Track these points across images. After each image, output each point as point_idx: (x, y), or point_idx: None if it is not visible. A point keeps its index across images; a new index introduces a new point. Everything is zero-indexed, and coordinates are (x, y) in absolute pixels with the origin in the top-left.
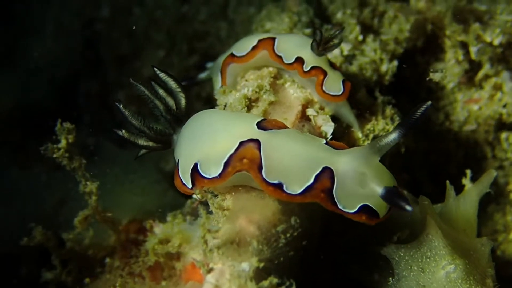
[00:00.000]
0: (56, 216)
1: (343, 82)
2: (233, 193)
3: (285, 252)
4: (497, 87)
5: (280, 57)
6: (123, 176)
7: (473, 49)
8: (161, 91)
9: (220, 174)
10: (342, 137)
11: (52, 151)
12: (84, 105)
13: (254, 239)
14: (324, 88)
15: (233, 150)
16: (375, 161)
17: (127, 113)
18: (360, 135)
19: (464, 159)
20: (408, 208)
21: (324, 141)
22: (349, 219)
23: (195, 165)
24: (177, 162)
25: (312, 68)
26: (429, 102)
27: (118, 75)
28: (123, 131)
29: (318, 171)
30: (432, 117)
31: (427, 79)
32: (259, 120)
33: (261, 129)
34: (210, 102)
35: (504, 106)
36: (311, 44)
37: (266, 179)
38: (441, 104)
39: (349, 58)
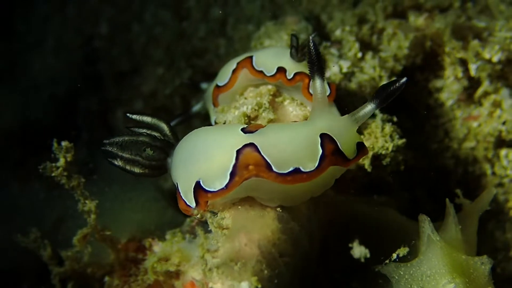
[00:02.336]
0: (55, 233)
1: (329, 84)
2: (232, 211)
3: (285, 271)
4: (496, 104)
5: (261, 71)
6: (122, 194)
7: (472, 66)
8: (142, 130)
9: (227, 185)
10: None
11: (51, 170)
12: (84, 122)
13: (253, 258)
14: (310, 91)
15: (234, 160)
16: (354, 130)
17: (116, 149)
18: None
19: (463, 176)
20: None
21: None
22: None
23: (197, 183)
24: (176, 185)
25: (296, 74)
26: (405, 78)
27: (117, 92)
28: (118, 160)
29: (319, 141)
30: (431, 134)
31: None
32: (242, 127)
33: (248, 133)
34: (208, 119)
35: (504, 123)
36: (290, 52)
37: (281, 172)
38: (440, 121)
39: (348, 76)
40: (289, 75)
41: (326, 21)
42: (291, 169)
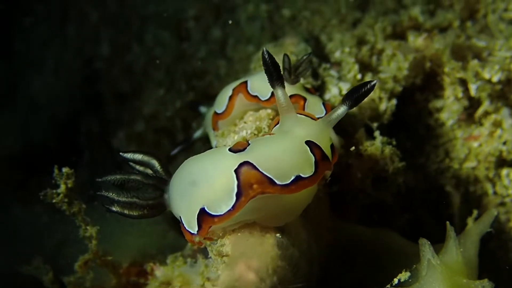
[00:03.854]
0: (56, 257)
1: (324, 104)
2: (232, 238)
3: None
4: (497, 124)
5: (256, 96)
6: (123, 219)
7: (472, 86)
8: (137, 167)
9: (233, 206)
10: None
11: (51, 196)
12: (85, 143)
13: (253, 286)
14: (306, 111)
15: (235, 181)
16: (328, 133)
17: (112, 194)
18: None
19: (464, 196)
20: None
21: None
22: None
23: (202, 210)
24: (180, 218)
25: (291, 96)
26: (375, 81)
27: (118, 113)
28: (116, 206)
29: (308, 148)
30: (432, 154)
31: None
32: (227, 148)
33: (237, 152)
34: (209, 142)
35: (504, 143)
36: (283, 75)
37: (285, 183)
38: (441, 141)
39: None
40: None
41: (326, 42)
42: (292, 178)
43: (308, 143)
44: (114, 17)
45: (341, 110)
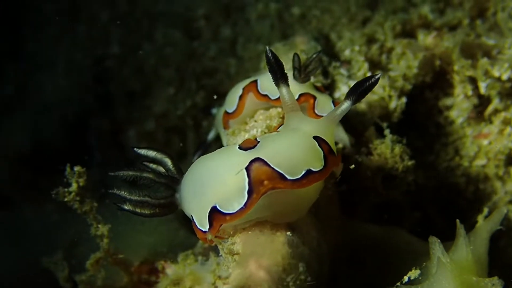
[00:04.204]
0: (68, 256)
1: (333, 102)
2: (242, 237)
3: None
4: (507, 122)
5: (265, 95)
6: (134, 217)
7: (482, 84)
8: (150, 164)
9: (245, 204)
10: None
11: (63, 195)
12: (95, 143)
13: (264, 285)
14: (316, 111)
15: (246, 178)
16: (333, 129)
17: (123, 193)
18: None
19: (474, 194)
20: None
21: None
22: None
23: (214, 208)
24: (191, 217)
25: (300, 95)
26: (380, 73)
27: (128, 112)
28: (127, 204)
29: (316, 142)
30: (442, 152)
31: None
32: (237, 146)
33: (248, 150)
34: (220, 141)
35: None
36: (293, 74)
37: (295, 178)
38: (451, 139)
39: None
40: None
41: (336, 41)
42: (303, 172)
43: (316, 138)
44: (124, 16)
45: (345, 105)
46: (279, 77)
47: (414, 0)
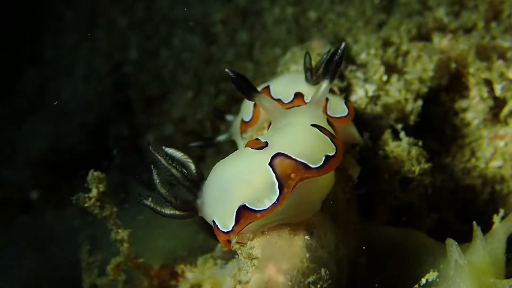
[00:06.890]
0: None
1: (346, 103)
2: (261, 241)
3: None
4: None
5: (279, 100)
6: (154, 221)
7: (497, 86)
8: (176, 162)
9: (278, 199)
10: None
11: (84, 200)
12: (115, 147)
13: None
14: (329, 112)
15: (273, 174)
16: (321, 112)
17: (157, 181)
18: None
19: (491, 195)
20: None
21: None
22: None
23: (242, 206)
24: (213, 222)
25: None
26: (343, 44)
27: (147, 117)
28: (150, 200)
29: (318, 129)
30: (458, 154)
31: None
32: (248, 148)
33: (263, 149)
34: (235, 146)
35: None
36: (305, 76)
37: (318, 165)
38: (467, 141)
39: (374, 99)
40: (307, 99)
41: (352, 44)
42: (324, 158)
43: (315, 126)
44: (142, 22)
45: (324, 85)
46: (249, 91)
47: (429, 3)
